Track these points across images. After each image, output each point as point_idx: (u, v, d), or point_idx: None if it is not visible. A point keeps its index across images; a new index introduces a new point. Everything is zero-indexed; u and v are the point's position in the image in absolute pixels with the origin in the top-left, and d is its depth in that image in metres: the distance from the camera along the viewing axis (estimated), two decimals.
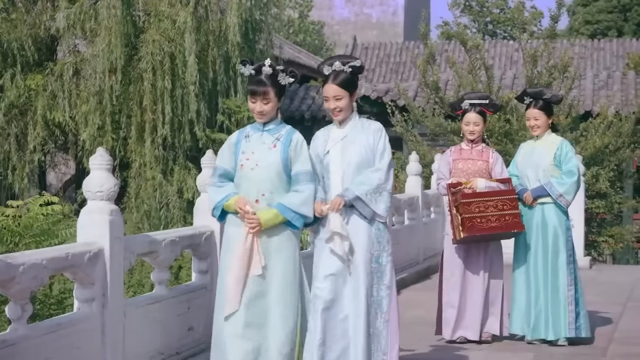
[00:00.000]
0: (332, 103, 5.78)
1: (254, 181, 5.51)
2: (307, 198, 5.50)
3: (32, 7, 15.22)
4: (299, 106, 22.44)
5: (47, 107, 14.62)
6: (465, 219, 7.15)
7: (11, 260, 4.86)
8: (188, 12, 14.81)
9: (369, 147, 5.79)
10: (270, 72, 5.47)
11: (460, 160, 7.52)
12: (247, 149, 5.57)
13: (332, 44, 40.13)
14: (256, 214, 5.44)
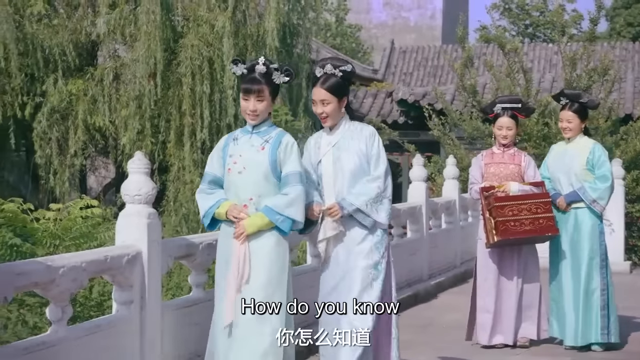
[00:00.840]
0: (319, 107, 5.57)
1: (241, 185, 5.25)
2: (294, 199, 5.21)
3: (73, 13, 15.39)
4: None
5: (88, 111, 14.77)
6: (498, 223, 7.07)
7: (51, 263, 4.94)
8: (226, 16, 14.88)
9: (363, 154, 5.60)
10: (264, 70, 5.25)
11: (492, 164, 7.45)
12: (234, 152, 5.33)
13: (370, 48, 40.08)
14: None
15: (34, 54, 14.59)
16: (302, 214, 5.26)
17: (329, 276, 5.65)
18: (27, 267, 4.88)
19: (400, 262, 10.05)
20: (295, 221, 5.24)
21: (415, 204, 10.63)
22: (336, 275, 5.59)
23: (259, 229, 5.19)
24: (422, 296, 10.05)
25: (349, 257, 5.55)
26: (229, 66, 5.67)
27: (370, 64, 36.40)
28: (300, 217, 5.25)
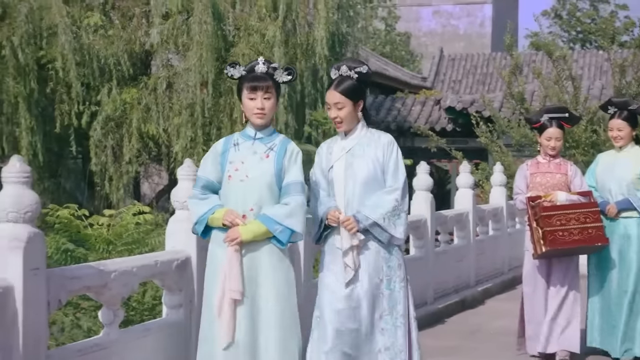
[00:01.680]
0: (333, 111, 5.23)
1: (241, 194, 4.87)
2: (294, 210, 4.84)
3: (127, 24, 15.59)
4: (384, 117, 22.42)
5: (142, 120, 14.95)
6: (546, 232, 6.81)
7: (103, 268, 5.02)
8: (277, 26, 14.98)
9: (378, 163, 5.23)
10: (265, 70, 4.95)
11: (538, 174, 7.18)
12: (235, 158, 4.95)
13: (419, 56, 39.99)
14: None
15: (90, 64, 14.81)
16: (303, 225, 4.89)
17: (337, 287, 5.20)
18: (80, 271, 4.96)
19: (447, 268, 10.05)
20: (294, 232, 4.86)
21: (462, 211, 10.59)
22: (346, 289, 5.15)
23: (255, 237, 4.81)
24: (469, 302, 10.00)
25: (361, 272, 5.17)
26: (225, 70, 5.12)
27: (420, 72, 36.30)
28: (300, 229, 4.87)
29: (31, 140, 14.39)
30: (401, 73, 30.27)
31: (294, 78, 5.07)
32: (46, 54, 14.59)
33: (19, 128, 14.47)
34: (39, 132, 14.58)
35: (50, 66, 14.64)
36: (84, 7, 15.54)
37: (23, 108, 14.37)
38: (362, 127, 5.32)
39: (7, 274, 4.41)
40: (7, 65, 14.20)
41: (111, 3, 15.92)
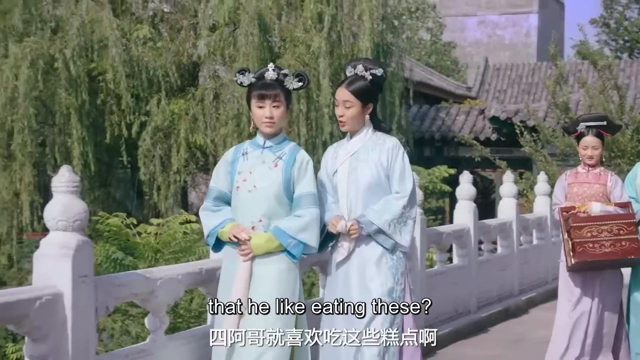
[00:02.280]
0: (340, 109, 5.04)
1: (250, 205, 4.72)
2: (309, 223, 4.69)
3: (176, 36, 15.75)
4: (429, 127, 22.38)
5: (189, 130, 15.08)
6: (575, 244, 6.51)
7: (149, 275, 5.09)
8: (322, 37, 15.02)
9: (382, 167, 5.01)
10: (275, 77, 4.78)
11: (576, 184, 6.91)
12: (244, 168, 4.79)
13: (464, 66, 39.83)
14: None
15: (140, 76, 14.97)
16: (317, 239, 4.74)
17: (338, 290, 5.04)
18: (127, 278, 5.04)
19: (491, 277, 10.00)
20: (307, 246, 4.71)
21: (505, 220, 10.54)
22: (345, 294, 4.95)
23: (267, 251, 4.67)
24: (512, 311, 9.95)
25: (362, 278, 4.96)
26: (234, 77, 4.95)
27: (465, 81, 36.14)
28: (314, 243, 4.72)
29: (82, 150, 14.57)
30: (446, 83, 30.17)
31: (305, 85, 4.89)
32: (97, 66, 14.78)
33: (71, 139, 14.66)
34: (90, 143, 14.75)
35: (101, 78, 14.84)
36: (134, 20, 15.74)
37: (75, 119, 14.56)
38: (368, 130, 5.09)
39: (56, 281, 4.50)
40: (59, 78, 14.42)
41: (160, 16, 16.12)
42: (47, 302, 4.42)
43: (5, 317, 4.35)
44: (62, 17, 15.01)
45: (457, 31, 41.88)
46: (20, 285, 8.85)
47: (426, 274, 8.55)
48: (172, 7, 16.54)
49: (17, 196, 14.51)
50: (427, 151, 22.00)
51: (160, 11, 16.22)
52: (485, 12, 42.28)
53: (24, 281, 12.27)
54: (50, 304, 4.43)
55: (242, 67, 4.96)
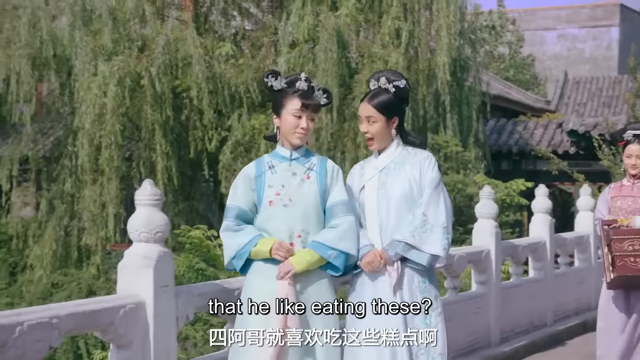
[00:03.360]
0: (364, 125, 4.67)
1: (286, 220, 4.37)
2: (346, 231, 4.37)
3: (257, 53, 15.98)
4: (506, 140, 22.14)
5: (269, 144, 15.24)
6: (615, 258, 6.04)
7: (227, 285, 5.19)
8: (400, 53, 15.06)
9: (415, 180, 4.61)
10: (305, 87, 4.42)
11: (619, 197, 6.40)
12: (274, 182, 4.44)
13: (543, 79, 39.31)
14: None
15: (222, 92, 15.22)
16: (357, 247, 4.43)
17: (365, 320, 4.44)
18: (206, 288, 5.14)
19: (568, 290, 9.86)
20: (349, 255, 4.39)
21: (582, 234, 10.39)
22: (374, 323, 4.41)
23: (309, 267, 4.32)
24: (590, 325, 9.73)
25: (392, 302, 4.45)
26: (264, 78, 4.57)
27: (544, 95, 35.67)
28: (354, 251, 4.41)
29: (166, 164, 14.88)
30: (524, 96, 29.81)
31: (329, 102, 4.57)
32: (181, 83, 15.10)
33: (155, 153, 14.99)
34: (174, 157, 15.06)
35: (184, 94, 15.15)
36: (216, 38, 16.04)
37: (159, 134, 14.89)
38: (398, 145, 4.71)
39: (139, 290, 4.63)
40: (145, 94, 14.77)
41: (242, 34, 16.39)
42: (130, 311, 4.55)
43: (92, 324, 4.49)
44: (149, 36, 15.39)
45: (536, 45, 41.35)
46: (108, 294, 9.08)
47: (501, 287, 8.49)
48: (254, 25, 16.81)
49: (104, 209, 14.88)
50: (505, 164, 21.76)
51: (242, 29, 16.52)
52: (565, 26, 41.66)
53: (111, 291, 12.58)
54: (133, 313, 4.56)
55: (272, 70, 4.60)
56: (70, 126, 15.49)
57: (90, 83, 14.59)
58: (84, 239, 15.08)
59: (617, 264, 6.05)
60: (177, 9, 17.01)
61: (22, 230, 16.27)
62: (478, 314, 8.04)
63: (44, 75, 16.05)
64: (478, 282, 8.20)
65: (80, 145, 14.77)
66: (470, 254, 8.04)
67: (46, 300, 13.94)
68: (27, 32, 15.04)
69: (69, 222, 15.61)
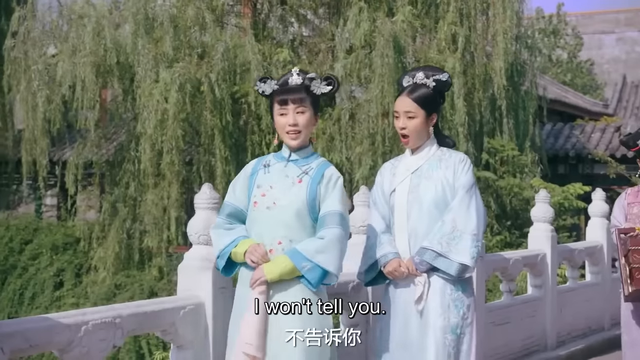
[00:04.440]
0: (401, 121, 4.37)
1: (268, 224, 4.02)
2: (328, 245, 3.92)
3: (314, 59, 16.03)
4: (563, 144, 21.88)
5: (326, 148, 15.28)
6: (634, 270, 5.75)
7: None
8: (456, 57, 14.99)
9: (448, 184, 4.32)
10: (299, 81, 4.11)
11: (636, 204, 6.03)
12: (264, 182, 4.12)
13: (602, 83, 38.75)
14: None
15: None
16: (337, 264, 3.95)
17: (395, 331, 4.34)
18: None
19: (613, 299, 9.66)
20: (327, 272, 3.93)
21: None
22: (404, 333, 4.29)
23: (282, 275, 3.93)
24: None
25: (422, 312, 4.28)
26: (255, 86, 4.35)
27: (603, 99, 35.15)
28: (333, 268, 3.93)
29: (225, 169, 15.00)
30: (581, 100, 29.42)
31: (335, 89, 4.18)
32: (240, 88, 15.21)
33: (215, 157, 15.13)
34: (233, 162, 15.17)
35: (243, 100, 15.26)
36: (274, 45, 16.12)
37: (218, 139, 15.03)
38: (432, 144, 4.43)
39: (198, 291, 4.71)
40: (205, 100, 14.91)
41: (299, 40, 16.46)
42: (190, 312, 4.63)
43: (154, 324, 4.59)
44: (208, 43, 15.54)
45: (594, 49, 40.79)
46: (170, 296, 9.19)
47: (557, 290, 8.43)
48: (311, 31, 16.87)
49: (165, 212, 15.07)
50: (561, 168, 21.50)
51: (299, 35, 16.59)
52: (624, 29, 41.04)
53: (172, 292, 12.71)
54: (193, 313, 4.64)
55: (263, 75, 4.18)
56: (133, 131, 15.72)
57: (152, 89, 14.79)
58: (146, 242, 15.29)
59: (636, 277, 5.76)
60: (236, 17, 17.14)
61: (87, 233, 16.56)
62: (534, 317, 7.99)
63: (107, 82, 16.31)
64: (534, 286, 8.17)
65: (143, 150, 14.97)
66: (526, 257, 8.02)
67: (110, 300, 14.17)
68: (92, 41, 15.29)
69: (131, 224, 15.83)
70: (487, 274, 7.40)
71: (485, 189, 14.92)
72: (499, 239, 13.96)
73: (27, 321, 4.16)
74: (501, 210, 15.01)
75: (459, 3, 15.47)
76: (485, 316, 7.19)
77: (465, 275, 4.31)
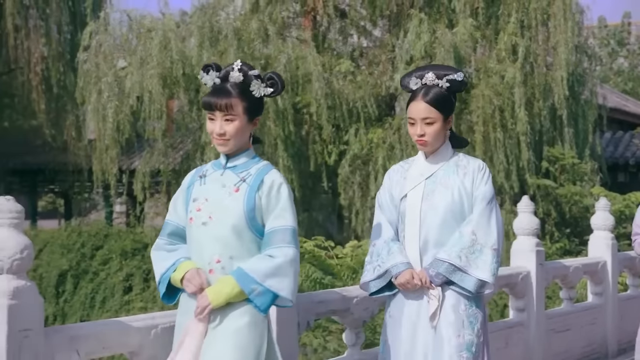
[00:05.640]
0: (419, 127, 3.97)
1: (205, 242, 3.50)
2: (281, 267, 3.41)
3: (374, 70, 16.05)
4: (623, 153, 21.52)
5: (387, 157, 15.26)
6: None
7: (346, 294, 5.25)
8: (516, 68, 14.90)
9: (466, 192, 3.97)
10: (240, 79, 3.56)
11: None
12: (199, 194, 3.58)
13: None
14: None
15: (340, 108, 15.36)
16: (292, 288, 3.45)
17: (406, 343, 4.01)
18: (326, 296, 5.23)
19: None
20: (279, 297, 3.45)
21: None
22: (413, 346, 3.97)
23: (228, 299, 3.43)
24: None
25: (436, 327, 3.96)
26: (199, 75, 3.66)
27: None
28: (286, 293, 3.43)
29: (288, 177, 15.07)
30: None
31: (278, 91, 3.65)
32: (301, 99, 15.31)
33: (277, 166, 15.22)
34: (295, 170, 15.27)
35: (304, 110, 15.36)
36: (335, 56, 16.21)
37: (281, 148, 15.14)
38: (447, 148, 4.09)
39: None
40: (268, 110, 15.03)
41: (359, 51, 16.50)
42: None
43: None
44: (271, 55, 15.68)
45: None
46: None
47: (618, 298, 8.32)
48: (371, 42, 16.90)
49: None
50: (621, 177, 21.15)
51: (359, 47, 16.64)
52: None
53: None
54: None
55: (208, 63, 3.63)
56: (198, 141, 15.91)
57: None
58: None
59: None
60: (298, 29, 17.28)
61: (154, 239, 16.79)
62: (594, 325, 7.89)
63: (174, 93, 16.55)
64: (594, 293, 8.06)
65: (208, 160, 15.14)
66: (586, 265, 7.93)
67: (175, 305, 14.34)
68: (159, 53, 15.53)
69: None
70: (547, 281, 7.35)
71: (545, 196, 14.75)
72: (559, 247, 13.80)
73: (101, 324, 4.24)
74: (561, 218, 14.83)
75: (519, 14, 15.42)
76: (545, 323, 7.14)
77: (484, 291, 4.00)
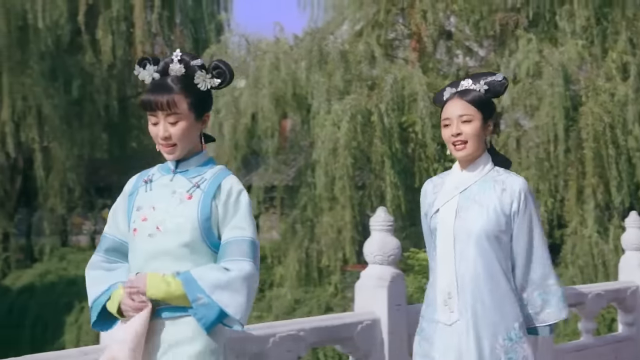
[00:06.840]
0: (455, 126, 3.44)
1: (151, 257, 2.93)
2: (234, 282, 2.87)
3: None
4: None
5: None
6: None
7: None
8: (627, 85, 14.58)
9: (504, 214, 3.39)
10: (182, 71, 2.96)
11: None
12: (144, 202, 3.02)
13: None
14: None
15: None
16: (244, 308, 2.87)
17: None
18: None
19: None
20: (224, 314, 2.87)
21: None
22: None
23: (165, 297, 2.88)
24: None
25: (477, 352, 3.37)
26: (135, 71, 2.93)
27: None
28: (235, 311, 2.86)
29: (395, 193, 15.14)
30: None
31: (227, 82, 3.06)
32: (407, 118, 15.36)
33: (384, 183, 15.30)
34: (401, 187, 15.30)
35: (410, 129, 15.40)
36: (440, 76, 16.21)
37: (388, 166, 15.21)
38: (488, 162, 3.51)
39: (374, 308, 4.85)
40: (375, 129, 15.14)
41: (465, 71, 16.43)
42: (367, 327, 4.77)
43: (334, 337, 4.76)
44: (378, 76, 15.82)
45: None
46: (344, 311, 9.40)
47: None
48: (476, 62, 16.83)
49: (340, 233, 15.39)
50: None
51: (465, 67, 16.58)
52: None
53: (347, 308, 12.97)
54: (369, 328, 4.77)
55: (144, 57, 3.01)
56: (309, 159, 16.16)
57: (325, 120, 15.17)
58: (323, 261, 15.66)
59: None
60: (404, 50, 17.36)
61: (270, 251, 17.16)
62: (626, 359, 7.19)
63: (286, 113, 16.87)
64: (624, 323, 7.00)
65: (318, 177, 15.37)
66: (611, 291, 6.78)
67: (289, 315, 14.59)
68: (270, 74, 15.90)
69: (309, 244, 16.24)
70: None
71: None
72: None
73: None
74: None
75: (629, 32, 15.12)
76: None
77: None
